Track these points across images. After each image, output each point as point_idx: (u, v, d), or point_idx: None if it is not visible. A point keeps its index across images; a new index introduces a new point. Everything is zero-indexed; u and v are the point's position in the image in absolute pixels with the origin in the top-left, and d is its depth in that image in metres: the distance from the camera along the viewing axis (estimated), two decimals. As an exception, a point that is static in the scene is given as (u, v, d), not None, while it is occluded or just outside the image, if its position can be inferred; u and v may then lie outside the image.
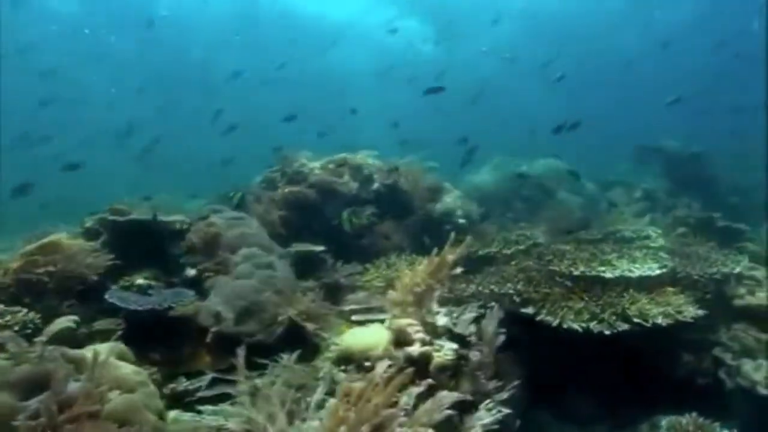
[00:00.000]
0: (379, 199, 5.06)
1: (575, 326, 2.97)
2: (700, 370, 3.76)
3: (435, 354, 2.41)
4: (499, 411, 2.64)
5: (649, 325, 3.13)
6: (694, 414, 3.27)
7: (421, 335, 2.44)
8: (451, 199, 5.37)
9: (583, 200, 7.09)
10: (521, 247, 4.28)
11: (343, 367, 2.36)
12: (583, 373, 3.71)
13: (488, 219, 6.34)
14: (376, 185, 5.02)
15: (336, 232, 4.80)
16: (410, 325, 2.46)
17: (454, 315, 2.99)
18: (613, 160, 9.49)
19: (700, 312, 3.39)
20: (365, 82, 22.35)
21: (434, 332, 2.68)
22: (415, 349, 2.35)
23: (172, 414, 2.50)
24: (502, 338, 3.04)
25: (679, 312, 3.37)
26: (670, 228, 5.09)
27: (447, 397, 2.02)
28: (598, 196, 7.39)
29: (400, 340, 2.41)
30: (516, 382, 3.02)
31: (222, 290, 3.26)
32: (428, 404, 1.98)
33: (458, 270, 2.66)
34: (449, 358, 2.40)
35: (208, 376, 2.80)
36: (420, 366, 2.36)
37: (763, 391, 3.31)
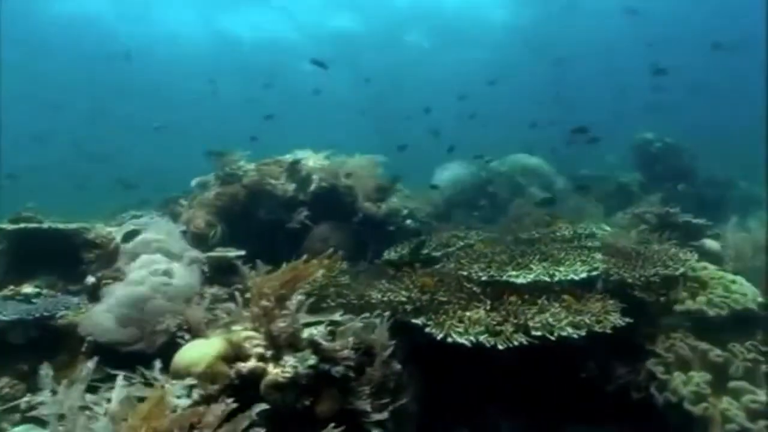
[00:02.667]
0: (318, 200, 4.91)
1: (461, 340, 2.73)
2: (635, 384, 3.44)
3: (273, 370, 2.24)
4: None
5: (553, 338, 2.84)
6: (610, 433, 2.98)
7: (259, 350, 2.29)
8: (397, 199, 5.15)
9: (553, 196, 6.69)
10: (450, 249, 4.03)
11: (174, 382, 2.23)
12: (506, 389, 3.46)
13: (449, 218, 6.08)
14: (314, 186, 4.86)
15: (269, 235, 4.68)
16: (249, 338, 2.31)
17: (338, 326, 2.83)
18: (599, 155, 8.98)
19: (621, 322, 3.08)
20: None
21: (293, 345, 2.52)
22: (245, 365, 2.19)
23: (17, 430, 2.44)
24: (389, 350, 2.86)
25: (598, 322, 3.07)
26: (631, 225, 4.72)
27: (242, 418, 1.86)
28: (569, 192, 6.98)
29: (236, 354, 2.26)
30: (404, 400, 2.84)
31: (110, 298, 3.19)
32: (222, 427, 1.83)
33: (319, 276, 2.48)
34: (287, 374, 2.23)
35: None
36: (251, 383, 2.21)
37: (688, 406, 2.98)
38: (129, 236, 3.64)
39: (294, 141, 5.66)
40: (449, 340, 2.75)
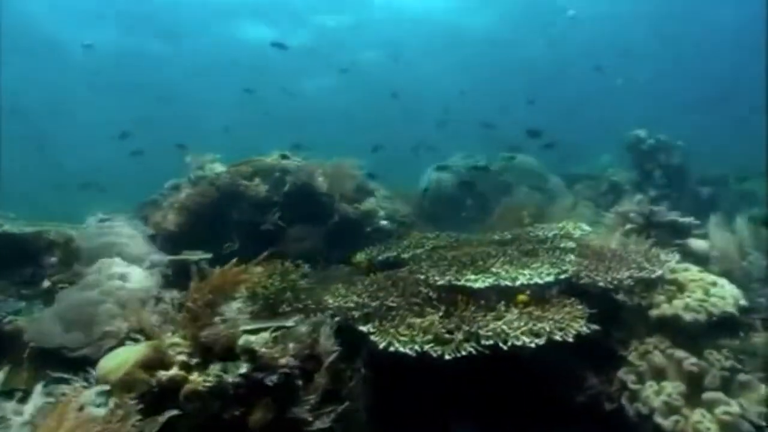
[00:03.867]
0: (293, 201, 4.81)
1: (404, 350, 2.59)
2: (607, 394, 3.25)
3: (196, 379, 2.15)
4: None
5: (506, 348, 2.68)
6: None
7: (182, 357, 2.19)
8: (374, 200, 5.03)
9: (544, 196, 6.48)
10: (419, 251, 3.89)
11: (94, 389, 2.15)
12: (469, 397, 3.30)
13: (435, 219, 5.93)
14: (288, 186, 4.77)
15: (242, 237, 4.61)
16: (173, 345, 2.22)
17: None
18: (595, 153, 8.69)
19: (587, 329, 2.90)
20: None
21: (227, 352, 2.42)
22: (165, 373, 2.10)
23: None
24: (334, 356, 2.75)
25: (561, 329, 2.89)
26: (616, 224, 4.50)
27: (148, 424, 1.77)
28: (560, 191, 6.73)
29: (159, 361, 2.17)
30: (352, 408, 2.72)
31: (60, 302, 3.16)
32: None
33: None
34: (209, 383, 2.13)
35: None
36: (171, 392, 2.12)
37: (658, 419, 2.78)
38: (91, 239, 3.60)
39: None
40: (391, 349, 2.62)
